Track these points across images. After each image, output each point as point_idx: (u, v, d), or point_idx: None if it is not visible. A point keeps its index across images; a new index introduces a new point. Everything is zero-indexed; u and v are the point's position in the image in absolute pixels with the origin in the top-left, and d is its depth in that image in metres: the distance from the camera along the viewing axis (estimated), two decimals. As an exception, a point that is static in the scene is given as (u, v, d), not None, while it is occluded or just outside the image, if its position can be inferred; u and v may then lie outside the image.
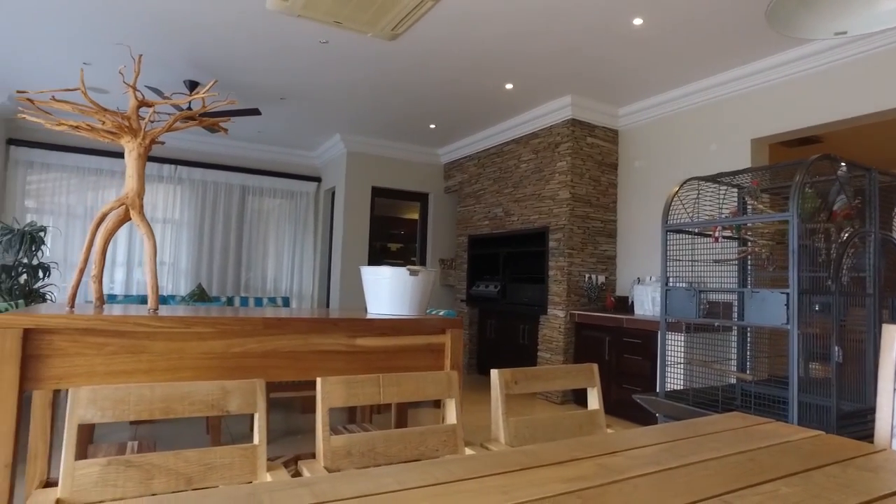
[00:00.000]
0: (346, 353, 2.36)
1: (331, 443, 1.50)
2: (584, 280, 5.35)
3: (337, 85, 5.18)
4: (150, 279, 2.25)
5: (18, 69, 5.05)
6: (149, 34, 4.22)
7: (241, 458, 1.38)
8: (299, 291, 7.66)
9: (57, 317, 1.89)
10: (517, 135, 6.06)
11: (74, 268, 6.28)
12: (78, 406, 1.26)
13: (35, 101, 2.09)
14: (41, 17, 4.00)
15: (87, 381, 1.97)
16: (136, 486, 1.27)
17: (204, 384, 1.39)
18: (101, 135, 2.24)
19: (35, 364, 1.88)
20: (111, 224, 2.28)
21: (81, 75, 2.18)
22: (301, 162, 7.81)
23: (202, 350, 2.10)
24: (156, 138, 2.28)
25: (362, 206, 7.01)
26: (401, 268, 2.65)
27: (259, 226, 7.52)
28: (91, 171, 6.63)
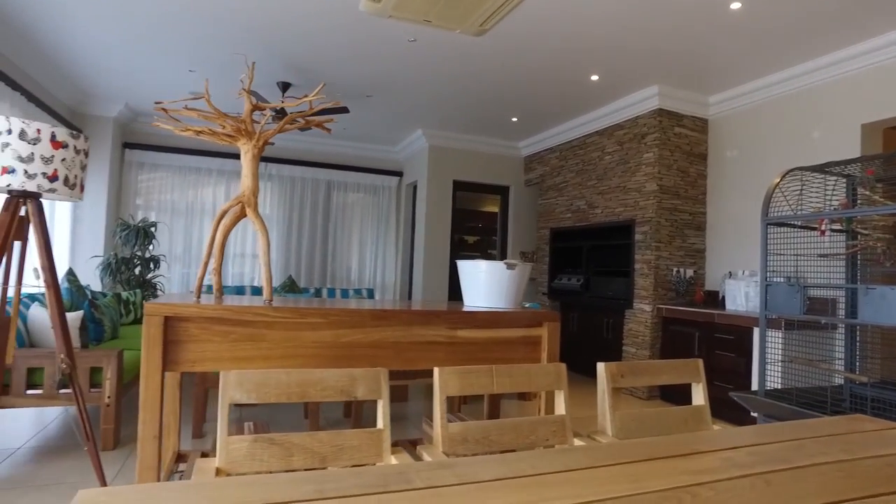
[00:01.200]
0: (447, 343, 2.44)
1: (448, 429, 1.57)
2: (671, 274, 5.22)
3: (421, 81, 5.28)
4: (265, 272, 2.42)
5: (132, 80, 5.47)
6: (245, 40, 4.46)
7: (368, 440, 1.48)
8: (382, 283, 7.88)
9: (191, 306, 2.07)
10: (601, 126, 5.96)
11: (178, 260, 6.76)
12: (228, 388, 1.39)
13: (168, 110, 2.28)
14: (152, 32, 4.32)
15: (215, 365, 2.15)
16: (279, 461, 1.39)
17: (334, 372, 1.50)
18: (220, 138, 2.42)
19: (173, 348, 2.08)
20: (229, 220, 2.46)
21: (206, 85, 2.37)
22: (383, 157, 8.01)
23: (314, 339, 2.24)
24: (268, 139, 2.43)
25: (444, 199, 7.12)
26: (498, 261, 2.70)
27: (343, 219, 7.79)
28: (191, 170, 7.09)
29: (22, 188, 2.32)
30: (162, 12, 4.01)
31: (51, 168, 2.37)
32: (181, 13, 4.01)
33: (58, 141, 2.39)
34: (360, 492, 0.94)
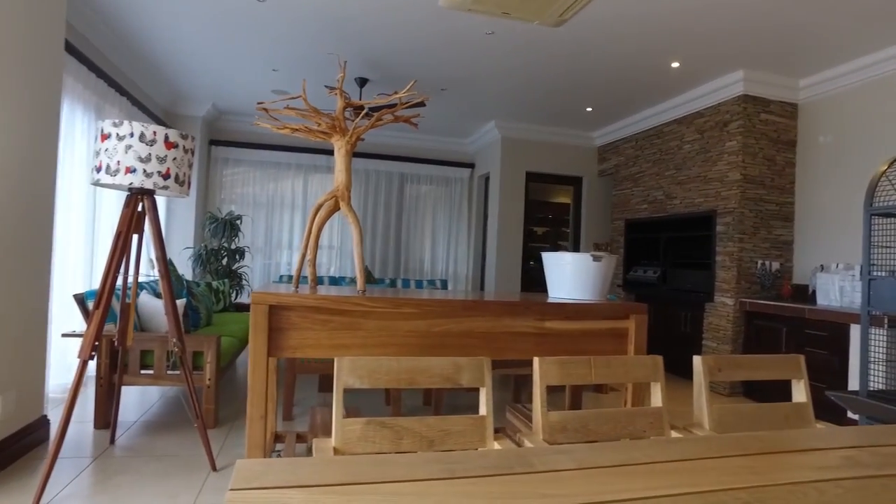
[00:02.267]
0: (535, 334, 2.47)
1: (548, 418, 1.61)
2: (755, 266, 5.02)
3: (496, 74, 5.29)
4: (359, 264, 2.52)
5: (219, 81, 5.77)
6: (325, 38, 4.61)
7: (472, 426, 1.54)
8: (454, 274, 7.98)
9: (293, 296, 2.20)
10: (679, 114, 5.79)
11: (259, 251, 7.08)
12: (343, 374, 1.48)
13: (269, 110, 2.42)
14: (239, 35, 4.53)
15: (314, 352, 2.27)
16: (390, 443, 1.47)
17: (440, 360, 1.56)
18: (315, 135, 2.53)
19: (277, 335, 2.21)
20: (323, 214, 2.58)
21: (304, 85, 2.49)
22: (455, 149, 8.08)
23: (407, 328, 2.32)
24: (361, 136, 2.53)
25: (517, 190, 7.11)
26: (584, 253, 2.70)
27: (416, 211, 7.92)
28: (271, 164, 7.40)
29: (141, 186, 2.52)
30: (248, 15, 4.20)
31: (164, 167, 2.55)
32: (266, 15, 4.19)
33: (170, 142, 2.57)
34: (486, 472, 1.00)
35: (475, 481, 0.96)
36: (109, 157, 2.50)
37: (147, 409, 3.76)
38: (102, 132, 2.53)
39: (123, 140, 2.49)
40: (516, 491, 0.93)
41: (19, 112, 2.72)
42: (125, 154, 2.49)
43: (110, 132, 2.51)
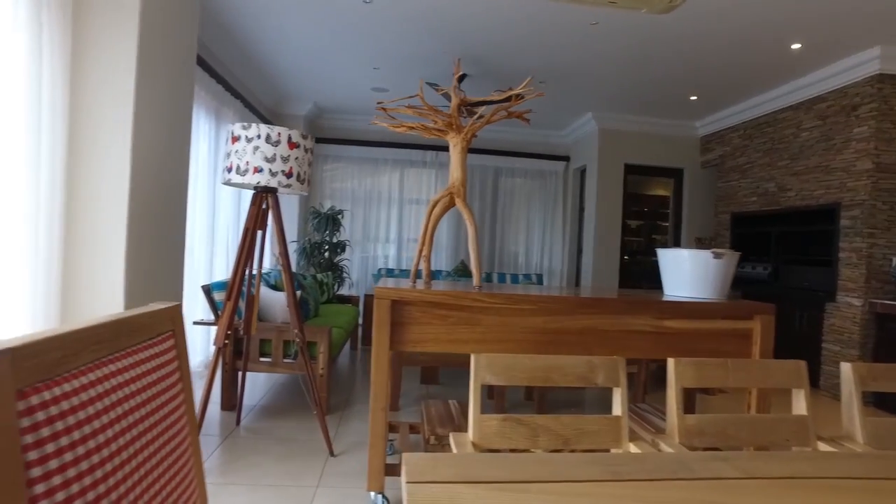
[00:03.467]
0: (653, 333, 2.40)
1: (685, 420, 1.56)
2: (889, 265, 4.61)
3: (597, 64, 5.16)
4: (475, 260, 2.55)
5: (321, 80, 5.99)
6: (425, 35, 4.67)
7: (607, 426, 1.52)
8: (549, 268, 7.89)
9: (414, 291, 2.25)
10: (796, 100, 5.40)
11: (357, 245, 7.31)
12: (480, 370, 1.50)
13: (388, 109, 2.49)
14: (342, 35, 4.68)
15: (434, 346, 2.31)
16: (526, 440, 1.48)
17: (575, 359, 1.55)
18: (432, 133, 2.58)
19: (398, 329, 2.27)
20: (439, 211, 2.62)
21: (421, 84, 2.53)
22: (550, 142, 7.96)
23: (524, 325, 2.32)
24: (475, 132, 2.55)
25: (614, 183, 6.92)
26: (703, 250, 2.59)
27: (511, 205, 7.89)
28: (369, 160, 7.61)
29: (267, 184, 2.66)
30: (353, 16, 4.33)
31: (288, 166, 2.69)
32: (371, 14, 4.30)
33: (293, 142, 2.70)
34: (650, 476, 0.98)
35: (641, 485, 0.94)
36: (239, 157, 2.66)
37: (262, 394, 3.99)
38: (233, 135, 2.70)
39: (251, 142, 2.65)
40: (685, 498, 0.91)
41: (161, 122, 2.95)
42: (253, 155, 2.64)
43: (240, 135, 2.67)
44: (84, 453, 0.46)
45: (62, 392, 0.46)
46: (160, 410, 0.61)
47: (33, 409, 0.43)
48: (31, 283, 2.37)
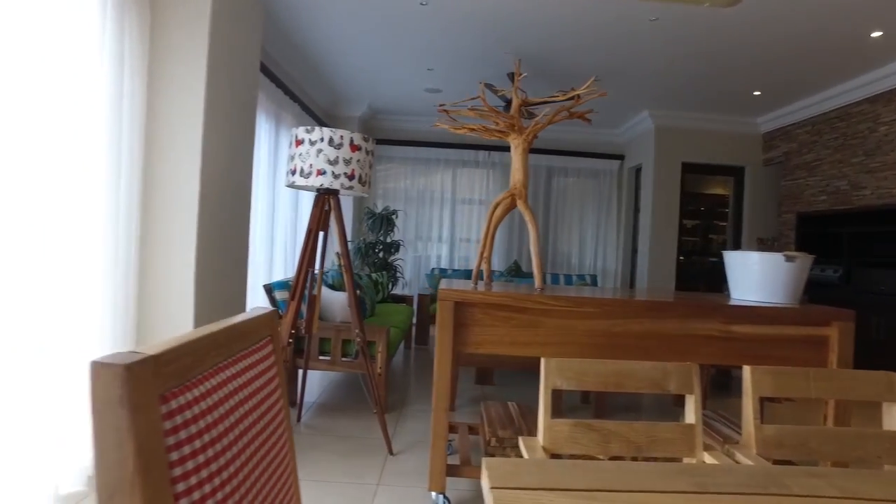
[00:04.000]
0: (722, 338, 2.32)
1: (762, 431, 1.50)
2: (974, 267, 4.33)
3: (655, 61, 5.04)
4: (536, 261, 2.53)
5: (375, 82, 6.07)
6: (479, 36, 4.66)
7: (681, 434, 1.48)
8: (603, 269, 7.76)
9: (477, 293, 2.25)
10: (872, 92, 5.13)
11: (410, 244, 7.37)
12: (550, 374, 1.49)
13: (450, 112, 2.50)
14: (397, 37, 4.73)
15: (496, 348, 2.31)
16: (597, 446, 1.46)
17: (647, 364, 1.52)
18: (493, 134, 2.57)
19: (460, 331, 2.28)
20: (500, 212, 2.62)
21: (482, 86, 2.53)
22: (604, 140, 7.83)
23: (587, 328, 2.29)
24: (537, 133, 2.53)
25: (671, 182, 6.75)
26: (774, 253, 2.49)
27: (564, 205, 7.80)
28: (421, 160, 7.66)
29: (330, 186, 2.72)
30: (409, 17, 4.37)
31: (350, 168, 2.73)
32: (427, 16, 4.33)
33: (355, 144, 2.75)
34: (740, 490, 0.95)
35: (731, 499, 0.92)
36: (303, 160, 2.72)
37: (319, 392, 4.08)
38: (296, 138, 2.76)
39: (315, 145, 2.71)
40: (779, 514, 0.88)
41: (227, 130, 3.05)
42: (316, 157, 2.70)
43: (303, 138, 2.74)
44: (213, 455, 0.48)
45: (193, 396, 0.48)
46: (268, 412, 0.63)
47: (173, 412, 0.45)
48: (111, 280, 2.49)
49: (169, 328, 2.76)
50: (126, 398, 0.40)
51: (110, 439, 0.40)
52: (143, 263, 2.75)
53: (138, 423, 0.41)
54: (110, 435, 0.40)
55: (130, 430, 0.40)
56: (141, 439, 0.41)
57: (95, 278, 2.41)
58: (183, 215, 2.77)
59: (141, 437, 0.41)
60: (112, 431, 0.40)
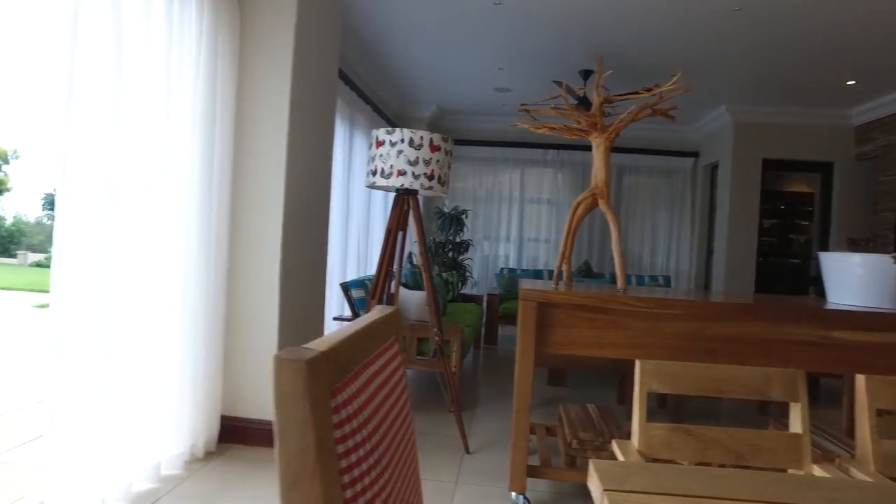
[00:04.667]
0: (820, 344, 2.20)
1: (880, 446, 1.41)
2: None
3: (736, 53, 4.83)
4: (619, 262, 2.48)
5: (444, 82, 6.12)
6: (551, 34, 4.60)
7: (787, 444, 1.42)
8: (675, 270, 7.52)
9: (559, 293, 2.23)
10: (982, 81, 4.72)
11: (478, 244, 7.37)
12: (645, 377, 1.46)
13: (531, 111, 2.48)
14: (469, 37, 4.74)
15: (579, 349, 2.28)
16: (694, 452, 1.41)
17: (748, 370, 1.46)
18: (574, 133, 2.54)
19: (543, 332, 2.26)
20: (581, 212, 2.58)
21: (564, 86, 2.51)
22: (677, 137, 7.58)
23: (675, 330, 2.22)
24: (619, 131, 2.48)
25: (750, 180, 6.45)
26: (879, 255, 2.34)
27: (635, 204, 7.60)
28: (489, 160, 7.65)
29: (410, 187, 2.76)
30: (482, 17, 4.37)
31: (429, 169, 2.76)
32: (499, 15, 4.32)
33: (434, 145, 2.77)
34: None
35: (862, 515, 0.87)
36: (384, 161, 2.77)
37: (396, 388, 4.15)
38: (377, 139, 2.82)
39: (395, 146, 2.75)
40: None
41: (311, 131, 3.15)
42: (397, 158, 2.75)
43: (384, 139, 2.79)
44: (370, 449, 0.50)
45: (352, 392, 0.50)
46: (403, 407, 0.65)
47: (339, 407, 0.47)
48: (204, 276, 2.62)
49: (256, 323, 2.88)
50: (307, 391, 0.42)
51: (293, 430, 0.42)
52: (232, 261, 2.88)
53: (317, 415, 0.43)
54: (293, 426, 0.42)
55: (311, 422, 0.43)
56: (318, 431, 0.43)
57: (189, 275, 2.55)
58: (269, 215, 2.88)
59: (318, 430, 0.43)
60: (294, 423, 0.42)
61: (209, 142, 2.63)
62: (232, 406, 2.90)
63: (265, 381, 2.90)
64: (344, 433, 0.47)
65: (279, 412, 0.42)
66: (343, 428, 0.47)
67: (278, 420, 0.42)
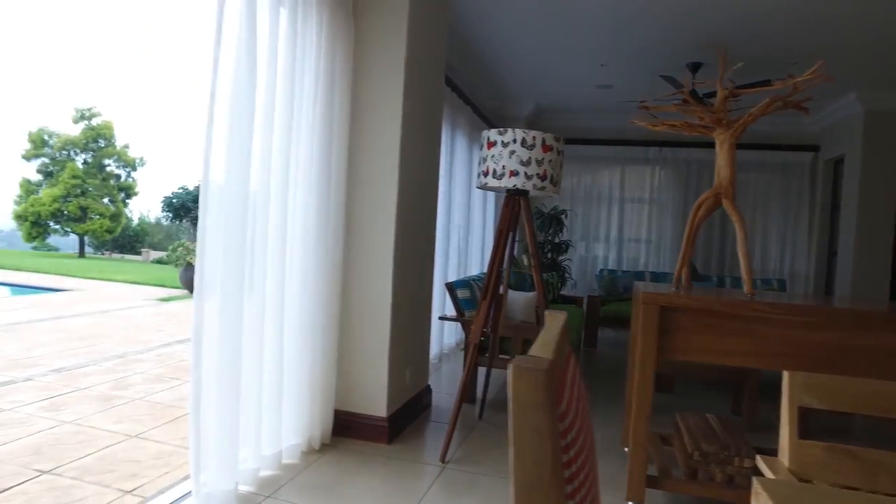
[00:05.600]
0: None
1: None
2: None
3: (871, 34, 4.42)
4: (745, 264, 2.34)
5: (543, 81, 6.04)
6: (660, 25, 4.41)
7: (968, 472, 1.27)
8: (790, 272, 7.01)
9: (683, 297, 2.14)
10: None
11: (576, 244, 7.22)
12: (795, 390, 1.36)
13: (651, 108, 2.40)
14: (570, 33, 4.64)
15: (703, 356, 2.17)
16: (859, 478, 1.30)
17: (922, 387, 1.33)
18: (695, 130, 2.42)
19: (665, 336, 2.17)
20: (703, 213, 2.46)
21: (687, 81, 2.40)
22: (792, 131, 7.05)
23: (814, 340, 2.07)
24: (747, 126, 2.33)
25: (884, 175, 5.88)
26: None
27: (745, 202, 7.16)
28: (588, 158, 7.48)
29: (522, 187, 2.74)
30: (583, 12, 4.27)
31: (542, 169, 2.73)
32: (602, 9, 4.20)
33: (547, 145, 2.74)
34: None
35: None
36: (495, 162, 2.77)
37: (494, 390, 4.14)
38: (488, 140, 2.82)
39: (508, 146, 2.74)
40: None
41: (419, 137, 3.21)
42: (509, 159, 2.74)
43: (496, 140, 2.79)
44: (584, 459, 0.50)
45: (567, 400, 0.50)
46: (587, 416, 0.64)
47: (562, 415, 0.47)
48: (320, 276, 2.74)
49: (368, 322, 2.97)
50: (546, 401, 0.42)
51: (531, 440, 0.42)
52: (346, 263, 2.98)
53: (551, 425, 0.43)
54: (531, 436, 0.42)
55: (547, 431, 0.42)
56: (553, 441, 0.43)
57: (307, 275, 2.67)
58: (382, 217, 2.96)
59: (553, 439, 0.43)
60: (532, 432, 0.42)
61: (327, 147, 2.74)
62: (344, 401, 3.01)
63: (375, 378, 2.98)
64: (567, 442, 0.47)
65: (517, 421, 0.42)
66: (566, 437, 0.47)
67: (516, 428, 0.42)
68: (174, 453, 2.79)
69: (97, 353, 4.92)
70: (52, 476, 2.48)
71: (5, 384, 3.87)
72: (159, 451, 2.80)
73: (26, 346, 5.09)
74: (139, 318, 6.94)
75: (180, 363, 4.69)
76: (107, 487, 2.39)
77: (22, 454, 2.70)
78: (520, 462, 0.42)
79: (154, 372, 4.34)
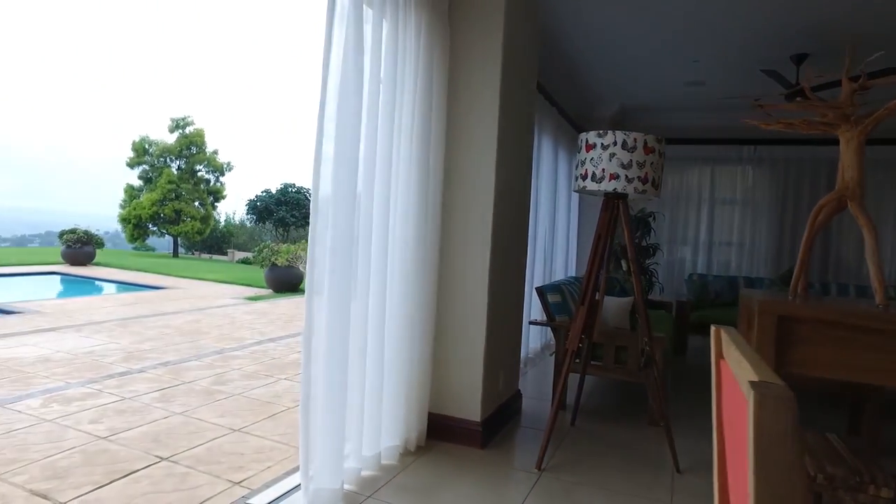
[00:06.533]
0: None
1: None
2: None
3: None
4: (875, 272, 2.17)
5: (629, 79, 5.87)
6: (757, 16, 4.17)
7: None
8: (904, 280, 6.47)
9: (805, 307, 2.01)
10: None
11: (663, 247, 6.97)
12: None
13: (765, 106, 2.27)
14: (659, 30, 4.47)
15: (825, 371, 2.03)
16: None
17: None
18: (815, 128, 2.27)
19: (782, 347, 2.05)
20: (824, 217, 2.30)
21: (808, 75, 2.26)
22: (907, 125, 6.49)
23: (959, 356, 1.89)
24: (880, 121, 2.16)
25: None
26: None
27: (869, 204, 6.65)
28: (675, 159, 7.18)
29: (622, 191, 2.66)
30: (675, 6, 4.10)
31: (643, 171, 2.65)
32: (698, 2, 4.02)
33: (649, 147, 2.65)
34: None
35: None
36: (594, 165, 2.71)
37: (585, 397, 4.05)
38: (587, 143, 2.76)
39: (608, 149, 2.68)
40: None
41: (513, 140, 3.20)
42: (609, 162, 2.67)
43: (595, 142, 2.73)
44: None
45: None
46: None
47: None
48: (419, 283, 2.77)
49: (462, 328, 2.98)
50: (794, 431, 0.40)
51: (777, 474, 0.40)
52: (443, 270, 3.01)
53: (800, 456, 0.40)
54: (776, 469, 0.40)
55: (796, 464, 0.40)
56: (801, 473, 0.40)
57: (407, 281, 2.71)
58: (478, 222, 2.96)
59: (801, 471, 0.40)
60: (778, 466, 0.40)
61: (425, 151, 2.77)
62: (438, 405, 3.03)
63: (470, 382, 2.99)
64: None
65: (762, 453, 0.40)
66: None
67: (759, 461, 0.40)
68: (275, 448, 2.91)
69: (198, 348, 5.21)
70: (169, 463, 2.64)
71: (124, 374, 4.17)
72: (261, 446, 2.92)
73: (137, 339, 5.47)
74: (232, 316, 7.30)
75: (273, 361, 4.89)
76: (217, 478, 2.52)
77: (143, 440, 2.90)
78: (764, 499, 0.39)
79: (249, 368, 4.54)
